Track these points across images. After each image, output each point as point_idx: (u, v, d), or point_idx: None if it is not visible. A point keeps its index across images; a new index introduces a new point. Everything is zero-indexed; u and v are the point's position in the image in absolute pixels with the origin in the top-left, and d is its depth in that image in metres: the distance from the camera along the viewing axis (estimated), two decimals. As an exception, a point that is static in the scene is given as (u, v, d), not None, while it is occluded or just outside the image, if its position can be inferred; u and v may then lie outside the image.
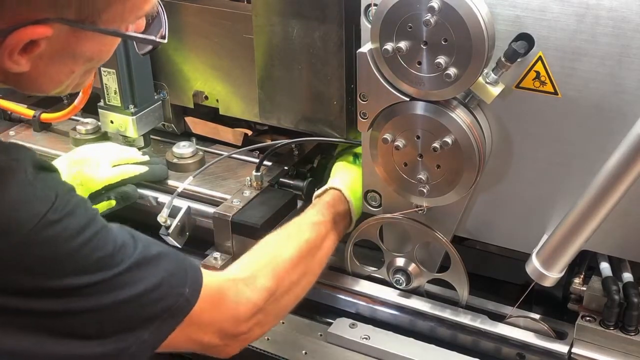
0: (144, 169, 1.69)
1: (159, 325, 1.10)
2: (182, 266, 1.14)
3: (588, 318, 1.39)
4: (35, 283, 1.00)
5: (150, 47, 1.20)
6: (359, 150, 1.56)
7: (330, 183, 1.54)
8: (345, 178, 1.55)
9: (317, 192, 1.55)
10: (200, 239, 1.64)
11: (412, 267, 1.52)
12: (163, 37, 1.12)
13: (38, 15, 0.94)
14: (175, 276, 1.12)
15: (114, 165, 1.67)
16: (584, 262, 1.45)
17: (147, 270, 1.08)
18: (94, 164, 1.63)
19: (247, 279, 1.26)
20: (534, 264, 1.30)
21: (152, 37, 1.11)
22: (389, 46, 1.26)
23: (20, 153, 1.02)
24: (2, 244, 0.97)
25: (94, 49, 1.03)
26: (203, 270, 1.18)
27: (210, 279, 1.19)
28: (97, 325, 1.05)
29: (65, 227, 1.00)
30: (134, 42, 1.20)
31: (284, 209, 1.58)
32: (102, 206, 1.63)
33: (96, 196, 1.62)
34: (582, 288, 1.41)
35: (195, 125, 1.87)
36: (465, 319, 1.48)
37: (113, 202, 1.65)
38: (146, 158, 1.73)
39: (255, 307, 1.25)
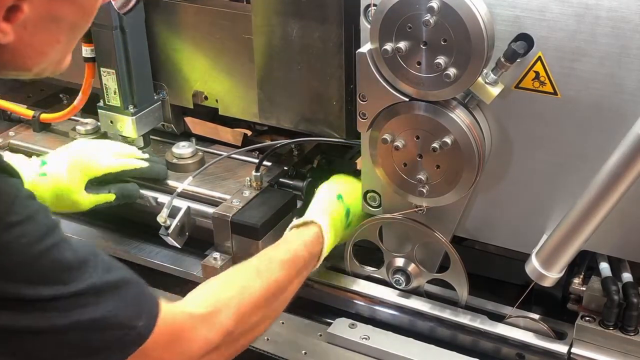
0: (144, 164, 1.69)
1: (108, 356, 1.04)
2: (141, 297, 1.09)
3: (587, 318, 1.39)
4: None
5: (132, 3, 1.19)
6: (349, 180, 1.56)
7: (314, 215, 1.46)
8: (328, 215, 1.47)
9: (296, 222, 1.46)
10: (200, 239, 1.64)
11: (411, 267, 1.52)
12: None
13: None
14: (133, 306, 1.07)
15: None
16: (584, 262, 1.45)
17: (106, 295, 1.03)
18: (95, 151, 1.63)
19: (207, 316, 1.20)
20: (534, 264, 1.30)
21: None
22: (388, 46, 1.26)
23: None
24: None
25: (76, 11, 1.02)
26: (161, 303, 1.12)
27: (167, 312, 1.12)
28: (54, 349, 1.01)
29: (24, 233, 0.95)
30: (112, 2, 1.18)
31: (284, 209, 1.58)
32: (101, 198, 1.62)
33: (96, 183, 1.61)
34: (581, 288, 1.41)
35: (195, 125, 1.87)
36: (464, 319, 1.48)
37: (112, 197, 1.63)
38: (146, 156, 1.72)
39: (210, 345, 1.19)
